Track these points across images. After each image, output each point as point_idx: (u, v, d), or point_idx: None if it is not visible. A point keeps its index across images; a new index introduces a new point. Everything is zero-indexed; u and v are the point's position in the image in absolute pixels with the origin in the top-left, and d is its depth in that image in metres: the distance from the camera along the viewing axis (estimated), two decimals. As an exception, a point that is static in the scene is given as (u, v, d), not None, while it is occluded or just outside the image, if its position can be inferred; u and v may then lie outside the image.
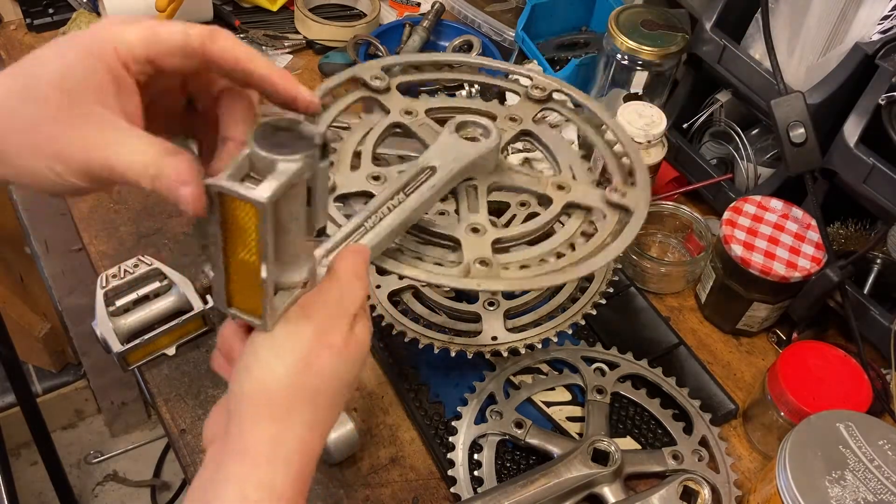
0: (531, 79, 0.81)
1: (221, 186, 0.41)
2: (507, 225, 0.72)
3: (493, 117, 0.76)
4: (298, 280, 0.47)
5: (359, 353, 0.49)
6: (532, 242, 0.70)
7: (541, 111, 0.80)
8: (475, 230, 0.68)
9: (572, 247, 0.69)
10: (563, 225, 0.71)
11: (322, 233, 0.49)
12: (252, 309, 0.45)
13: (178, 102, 0.51)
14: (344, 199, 0.68)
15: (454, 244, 0.67)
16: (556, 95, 0.81)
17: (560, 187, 0.73)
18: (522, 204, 0.74)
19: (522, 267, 0.66)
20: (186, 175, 0.42)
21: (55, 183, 0.43)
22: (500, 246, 0.68)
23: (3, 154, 0.43)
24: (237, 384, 0.46)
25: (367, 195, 0.68)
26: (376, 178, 0.70)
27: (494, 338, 0.80)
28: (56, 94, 0.42)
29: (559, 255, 0.68)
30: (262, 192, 0.41)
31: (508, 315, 0.83)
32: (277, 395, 0.45)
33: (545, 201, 0.72)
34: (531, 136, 0.79)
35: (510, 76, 0.86)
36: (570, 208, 0.72)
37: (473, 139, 0.69)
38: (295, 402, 0.45)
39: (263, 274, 0.43)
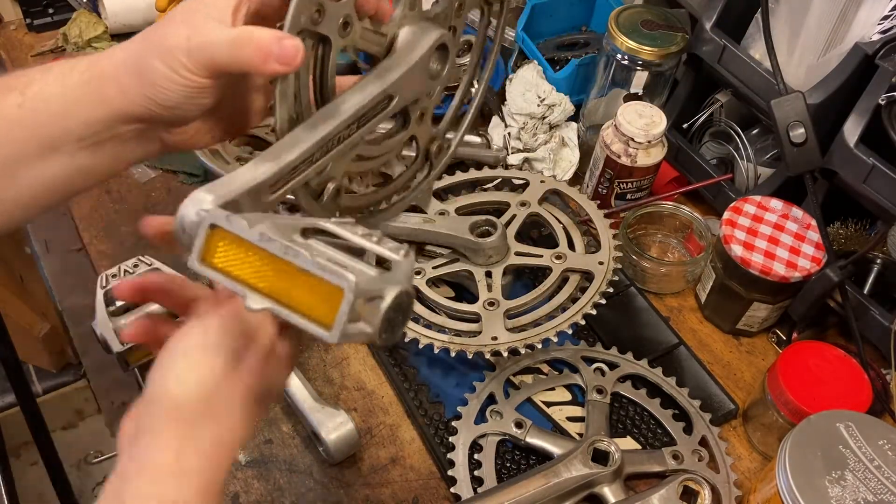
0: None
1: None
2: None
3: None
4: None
5: (278, 371, 0.48)
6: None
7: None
8: None
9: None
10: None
11: None
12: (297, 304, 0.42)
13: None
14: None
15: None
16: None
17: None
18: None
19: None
20: (275, 35, 0.46)
21: (180, 83, 0.48)
22: None
23: (146, 67, 0.49)
24: (150, 390, 0.44)
25: None
26: None
27: (494, 338, 0.80)
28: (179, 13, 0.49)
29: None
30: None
31: (508, 315, 0.83)
32: (186, 410, 0.44)
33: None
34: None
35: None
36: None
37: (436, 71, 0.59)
38: (203, 418, 0.44)
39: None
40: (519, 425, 0.80)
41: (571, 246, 0.89)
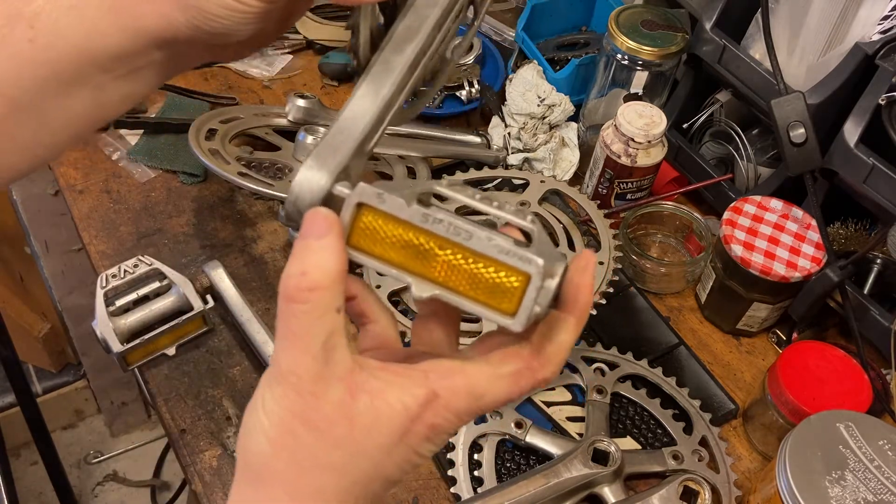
0: None
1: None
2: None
3: None
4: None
5: (362, 438, 0.35)
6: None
7: None
8: None
9: None
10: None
11: None
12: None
13: None
14: None
15: None
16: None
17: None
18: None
19: None
20: None
21: (238, 9, 0.42)
22: None
23: None
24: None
25: None
26: None
27: (494, 338, 0.80)
28: None
29: None
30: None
31: (508, 315, 0.82)
32: (255, 465, 0.37)
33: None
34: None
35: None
36: None
37: None
38: (272, 480, 0.36)
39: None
40: (519, 425, 0.80)
41: (571, 246, 0.89)
